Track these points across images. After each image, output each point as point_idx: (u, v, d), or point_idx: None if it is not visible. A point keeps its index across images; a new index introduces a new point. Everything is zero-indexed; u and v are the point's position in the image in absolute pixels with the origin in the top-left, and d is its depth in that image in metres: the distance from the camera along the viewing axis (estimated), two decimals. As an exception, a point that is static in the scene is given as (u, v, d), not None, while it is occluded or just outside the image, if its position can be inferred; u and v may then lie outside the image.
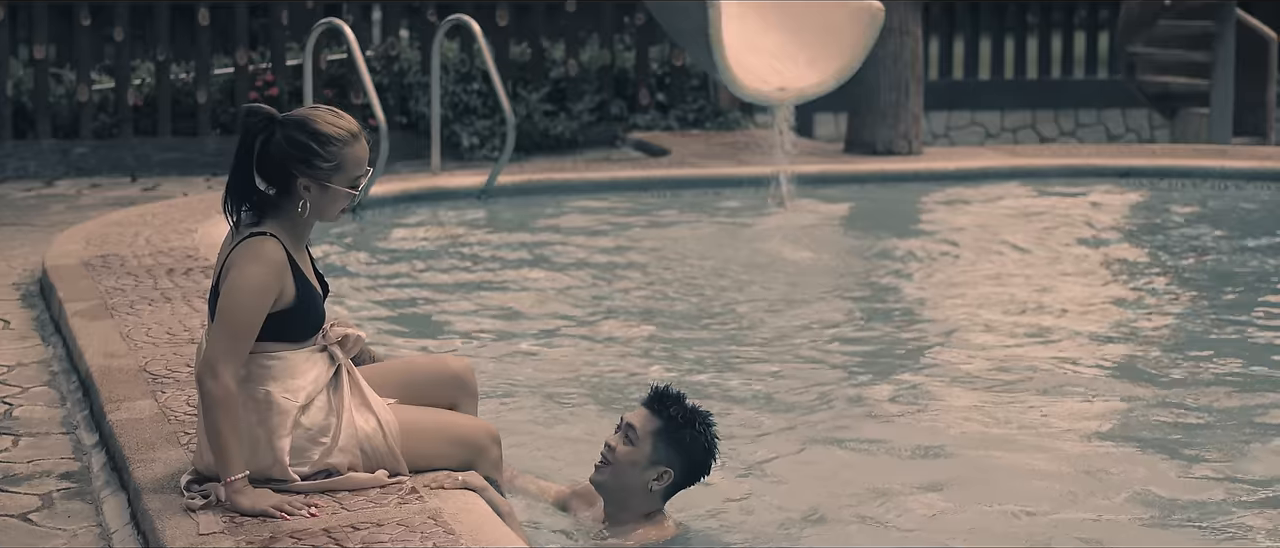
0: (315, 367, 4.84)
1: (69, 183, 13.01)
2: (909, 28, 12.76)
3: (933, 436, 6.42)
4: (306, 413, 4.81)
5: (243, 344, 4.69)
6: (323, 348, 4.88)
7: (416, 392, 5.05)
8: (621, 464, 5.17)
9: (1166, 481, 5.88)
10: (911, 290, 9.29)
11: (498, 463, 5.02)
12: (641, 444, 5.15)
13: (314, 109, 4.84)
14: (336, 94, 14.07)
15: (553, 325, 8.32)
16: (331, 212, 4.85)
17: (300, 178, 4.76)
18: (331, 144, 4.75)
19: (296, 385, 4.79)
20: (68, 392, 6.59)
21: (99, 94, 13.84)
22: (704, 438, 5.20)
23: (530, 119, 14.12)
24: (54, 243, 9.17)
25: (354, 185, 4.81)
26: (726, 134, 14.28)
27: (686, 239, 10.53)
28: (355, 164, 4.80)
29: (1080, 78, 17.61)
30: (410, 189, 11.37)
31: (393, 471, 4.89)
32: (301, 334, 4.83)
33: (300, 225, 4.85)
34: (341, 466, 4.81)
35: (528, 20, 14.75)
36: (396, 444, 4.88)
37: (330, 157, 4.75)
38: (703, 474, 5.27)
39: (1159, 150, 13.65)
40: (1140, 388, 7.16)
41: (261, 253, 4.72)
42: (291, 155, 4.74)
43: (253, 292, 4.69)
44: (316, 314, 4.85)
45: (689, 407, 5.20)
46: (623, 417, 5.24)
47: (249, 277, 4.70)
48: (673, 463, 5.17)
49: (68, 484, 5.52)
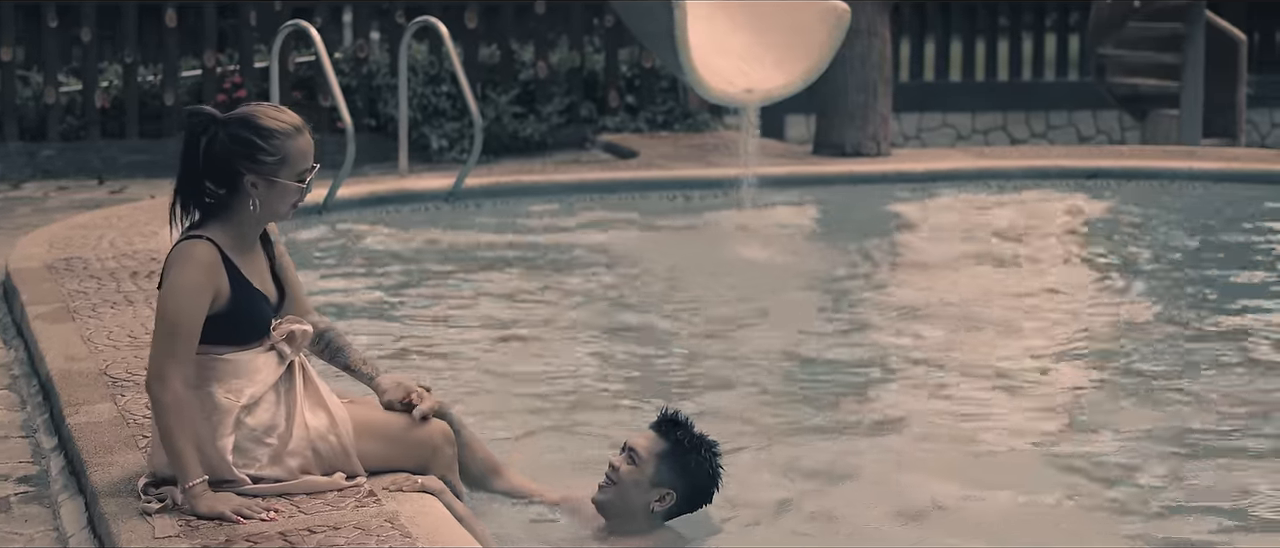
0: (263, 367, 4.84)
1: (35, 185, 12.96)
2: (877, 29, 12.77)
3: (901, 437, 6.41)
4: (252, 413, 4.80)
5: (184, 347, 4.68)
6: (272, 347, 4.87)
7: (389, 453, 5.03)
8: (625, 484, 5.19)
9: (1132, 480, 5.88)
10: (876, 292, 9.28)
11: (451, 463, 5.01)
12: (645, 466, 5.17)
13: (256, 106, 4.86)
14: (305, 96, 14.05)
15: (519, 328, 8.30)
16: (282, 208, 4.85)
17: (247, 175, 4.76)
18: (275, 138, 4.76)
19: (239, 385, 4.79)
20: (28, 395, 6.56)
21: (66, 96, 13.79)
22: (709, 465, 5.22)
23: (499, 121, 14.11)
24: (17, 246, 9.13)
25: (301, 179, 4.82)
26: (696, 136, 14.28)
27: (652, 241, 10.52)
28: (300, 158, 4.80)
29: (1051, 80, 17.67)
30: (378, 191, 11.34)
31: (348, 471, 4.88)
32: (244, 336, 4.82)
33: (249, 226, 4.85)
34: (294, 468, 4.79)
35: (497, 22, 14.73)
36: (350, 443, 4.88)
37: (274, 150, 4.76)
38: (705, 501, 5.29)
39: (1126, 152, 13.68)
40: (1109, 386, 7.18)
41: (191, 255, 4.73)
42: (236, 152, 4.75)
43: (184, 294, 4.69)
44: (257, 317, 4.84)
45: (696, 433, 5.23)
46: (626, 440, 5.27)
47: (178, 280, 4.71)
48: (675, 486, 5.18)
49: (26, 488, 5.49)
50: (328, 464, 4.86)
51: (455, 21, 13.96)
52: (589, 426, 6.59)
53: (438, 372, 7.36)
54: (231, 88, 13.96)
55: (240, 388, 4.78)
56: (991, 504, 5.71)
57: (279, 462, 4.79)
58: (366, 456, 4.92)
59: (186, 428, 4.66)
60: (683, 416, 5.26)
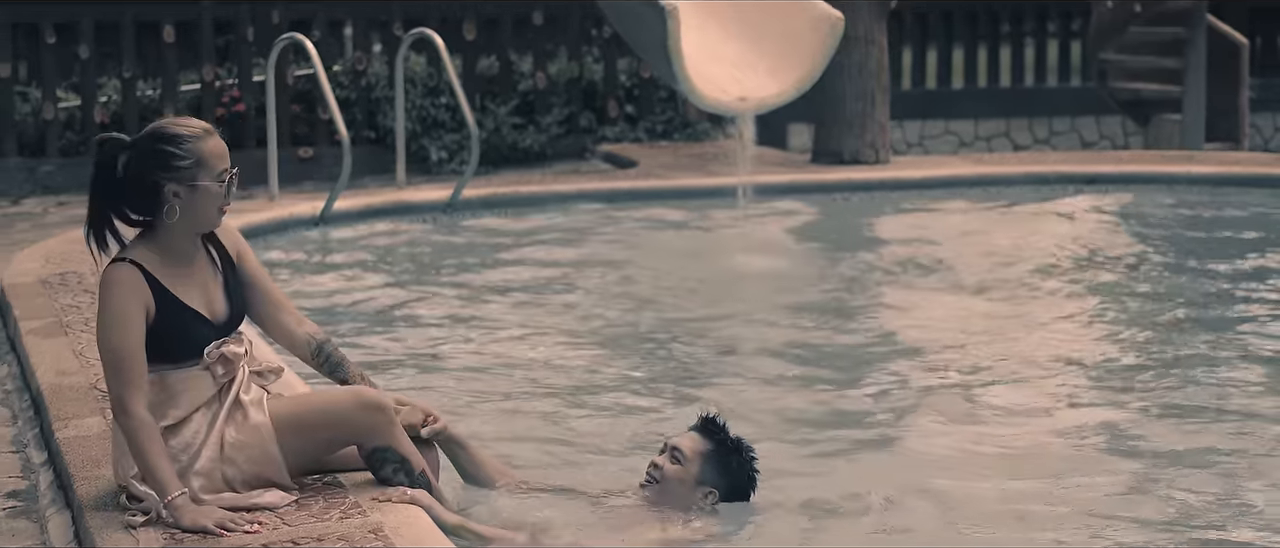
0: (192, 387, 4.88)
1: (35, 201, 12.97)
2: (874, 37, 12.74)
3: (899, 446, 6.41)
4: (176, 433, 4.84)
5: (134, 372, 4.74)
6: (206, 368, 4.89)
7: None
8: (670, 482, 5.37)
9: (1136, 489, 5.86)
10: (873, 300, 9.27)
11: (385, 427, 4.97)
12: (689, 465, 5.37)
13: (160, 121, 4.98)
14: (304, 109, 14.05)
15: (517, 338, 8.29)
16: (209, 214, 4.90)
17: (166, 185, 4.82)
18: (186, 142, 4.83)
19: (163, 406, 4.83)
20: (20, 410, 6.57)
21: (65, 112, 13.80)
22: (748, 467, 5.46)
23: (498, 132, 14.11)
24: (13, 262, 9.13)
25: (220, 180, 4.85)
26: (695, 145, 14.27)
27: (649, 250, 10.51)
28: (216, 158, 4.86)
29: (1053, 85, 17.62)
30: (374, 204, 11.33)
31: (277, 481, 4.89)
32: (172, 355, 4.86)
33: (179, 240, 4.89)
34: (195, 488, 4.79)
35: (495, 34, 14.73)
36: (274, 451, 4.89)
37: (187, 153, 4.82)
38: (742, 500, 5.48)
39: (1126, 157, 13.65)
40: (1108, 392, 7.17)
41: (109, 280, 4.80)
42: (151, 165, 4.81)
43: (113, 323, 4.76)
44: (185, 336, 4.86)
45: (735, 436, 5.47)
46: (667, 440, 5.46)
47: (105, 308, 4.79)
48: (718, 485, 5.40)
49: (15, 503, 5.50)
50: (251, 476, 4.88)
51: (454, 33, 13.96)
52: (591, 432, 6.61)
53: (437, 381, 7.37)
54: (230, 102, 13.96)
55: (164, 409, 4.83)
56: (996, 505, 5.71)
57: (183, 480, 4.78)
58: (299, 453, 4.95)
59: (156, 444, 4.71)
60: (720, 418, 5.48)
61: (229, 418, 4.90)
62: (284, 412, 4.95)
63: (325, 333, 5.24)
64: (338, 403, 5.00)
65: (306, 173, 13.52)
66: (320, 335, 5.20)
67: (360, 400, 4.98)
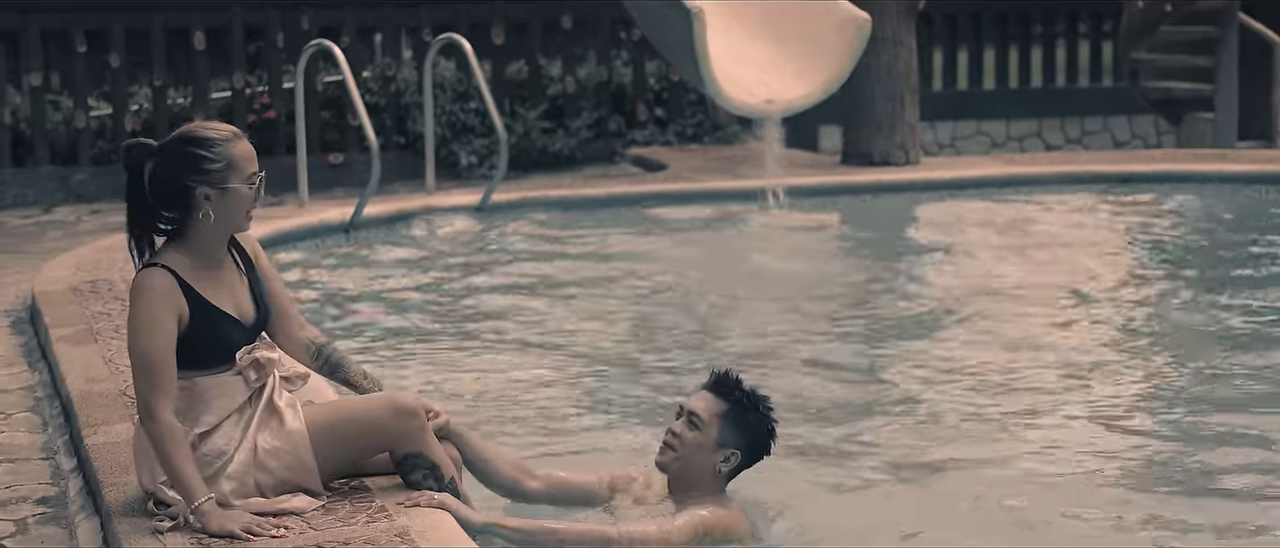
0: (225, 393, 4.87)
1: (68, 209, 13.01)
2: (902, 38, 12.72)
3: (932, 447, 6.39)
4: (208, 439, 4.84)
5: (163, 378, 4.72)
6: (238, 373, 4.89)
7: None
8: (689, 448, 5.21)
9: (1175, 491, 5.83)
10: (904, 301, 9.25)
11: (417, 433, 4.97)
12: (708, 429, 5.20)
13: (188, 124, 4.97)
14: (333, 115, 14.08)
15: (548, 341, 8.31)
16: (238, 217, 4.90)
17: (197, 188, 4.81)
18: (216, 146, 4.83)
19: (196, 412, 4.83)
20: (50, 417, 6.59)
21: (97, 120, 13.85)
22: (766, 420, 5.27)
23: (528, 136, 14.12)
24: (44, 270, 9.17)
25: (250, 183, 4.85)
26: (725, 148, 14.26)
27: (679, 253, 10.52)
28: (246, 161, 4.86)
29: (1085, 85, 17.56)
30: (405, 209, 11.34)
31: (308, 487, 4.89)
32: (205, 360, 4.86)
33: (209, 243, 4.88)
34: (226, 491, 4.79)
35: (524, 38, 14.74)
36: (308, 459, 4.90)
37: (218, 156, 4.81)
38: (764, 454, 5.32)
39: (1158, 156, 13.60)
40: (1141, 394, 7.16)
41: (142, 286, 4.79)
42: (181, 168, 4.81)
43: (144, 328, 4.75)
44: (219, 341, 4.86)
45: (750, 389, 5.28)
46: (682, 404, 5.29)
47: (136, 313, 4.77)
48: (739, 445, 5.23)
49: (44, 509, 5.50)
50: (281, 482, 4.88)
51: (483, 38, 13.98)
52: (619, 426, 6.67)
53: (465, 382, 7.39)
54: (260, 109, 14.00)
55: (196, 415, 4.83)
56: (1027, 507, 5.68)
57: (214, 485, 4.78)
58: (333, 460, 4.95)
59: (182, 449, 4.70)
60: (734, 373, 5.30)
61: (263, 424, 4.90)
62: (319, 419, 4.95)
63: (325, 337, 5.24)
64: (372, 410, 5.00)
65: (336, 179, 13.55)
66: (320, 339, 5.20)
67: (394, 407, 4.98)
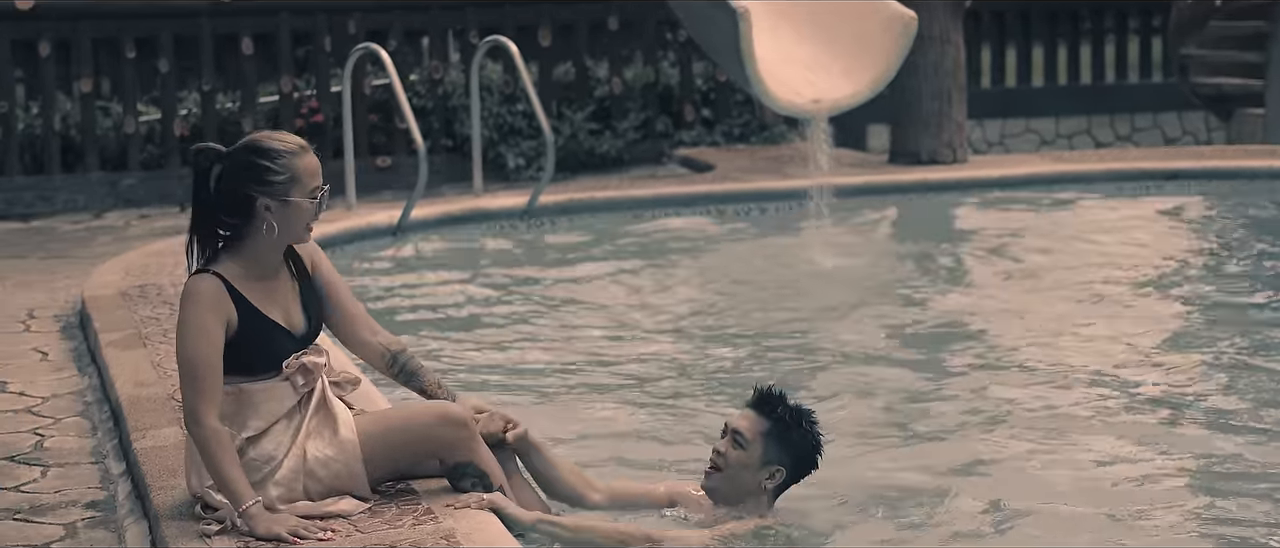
0: (273, 398, 4.89)
1: (118, 215, 13.07)
2: (950, 36, 12.67)
3: (979, 447, 6.38)
4: (256, 444, 4.86)
5: (208, 383, 4.74)
6: (286, 379, 4.90)
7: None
8: (734, 468, 5.23)
9: (1222, 499, 5.77)
10: (952, 301, 9.23)
11: (467, 443, 4.99)
12: (752, 448, 5.22)
13: (257, 133, 4.96)
14: (381, 119, 14.11)
15: (596, 343, 8.33)
16: (298, 230, 4.91)
17: (259, 199, 4.82)
18: (281, 157, 4.83)
19: (243, 418, 4.85)
20: (99, 421, 6.62)
21: (146, 125, 13.92)
22: (811, 436, 5.28)
23: (575, 138, 14.12)
24: (93, 274, 9.22)
25: (313, 196, 4.85)
26: (772, 148, 14.22)
27: (727, 254, 10.52)
28: (309, 175, 4.86)
29: (1135, 82, 17.46)
30: (452, 211, 11.36)
31: (357, 494, 4.90)
32: (254, 367, 4.87)
33: (266, 252, 4.90)
34: (273, 497, 4.80)
35: (571, 40, 14.74)
36: (357, 466, 4.91)
37: (282, 169, 4.82)
38: (811, 469, 5.33)
39: (1207, 152, 13.52)
40: (1193, 391, 7.13)
41: (192, 292, 4.81)
42: (245, 178, 4.81)
43: (192, 334, 4.77)
44: (267, 348, 4.88)
45: (793, 406, 5.28)
46: (727, 422, 5.30)
47: (185, 319, 4.79)
48: (783, 462, 5.25)
49: (93, 514, 5.53)
50: (329, 489, 4.89)
51: (530, 40, 13.99)
52: (672, 431, 6.64)
53: (518, 386, 7.40)
54: (308, 112, 14.04)
55: (243, 420, 4.85)
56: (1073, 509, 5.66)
57: (261, 490, 4.80)
58: (382, 468, 4.97)
59: (228, 454, 4.72)
60: (777, 389, 5.30)
61: (314, 431, 4.91)
62: (369, 429, 4.96)
63: (401, 343, 5.22)
64: (421, 420, 5.01)
65: (384, 182, 13.58)
66: (396, 345, 5.19)
67: (443, 417, 4.99)
